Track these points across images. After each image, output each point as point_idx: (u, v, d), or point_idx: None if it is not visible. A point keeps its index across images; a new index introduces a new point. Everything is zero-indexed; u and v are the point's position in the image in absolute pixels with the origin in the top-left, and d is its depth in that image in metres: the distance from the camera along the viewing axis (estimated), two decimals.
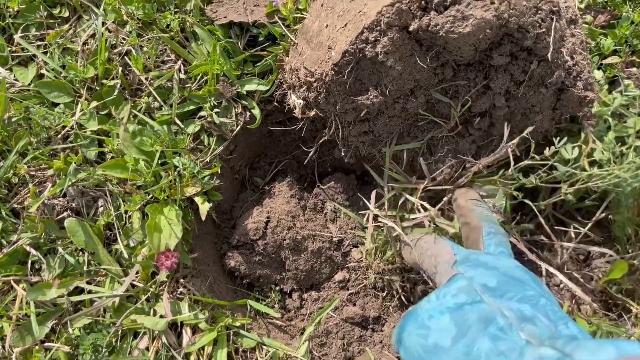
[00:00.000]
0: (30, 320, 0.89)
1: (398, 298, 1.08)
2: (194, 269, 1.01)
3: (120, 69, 1.03)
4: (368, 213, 1.01)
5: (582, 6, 1.07)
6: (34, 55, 1.06)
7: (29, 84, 1.03)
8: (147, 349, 0.92)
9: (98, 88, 1.03)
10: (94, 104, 1.01)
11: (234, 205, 1.19)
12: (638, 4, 1.08)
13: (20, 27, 1.07)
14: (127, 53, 1.05)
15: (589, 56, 0.92)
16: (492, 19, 0.78)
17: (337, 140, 1.03)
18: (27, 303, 0.90)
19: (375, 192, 1.02)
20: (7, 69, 1.05)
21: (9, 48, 1.06)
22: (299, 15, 1.03)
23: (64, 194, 0.99)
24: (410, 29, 0.82)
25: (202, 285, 1.00)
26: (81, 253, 0.96)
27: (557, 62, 0.86)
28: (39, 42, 1.07)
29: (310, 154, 1.10)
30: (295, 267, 1.09)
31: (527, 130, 0.88)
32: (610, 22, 1.07)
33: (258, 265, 1.10)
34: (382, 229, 1.05)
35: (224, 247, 1.13)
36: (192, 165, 0.98)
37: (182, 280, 0.98)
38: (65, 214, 0.97)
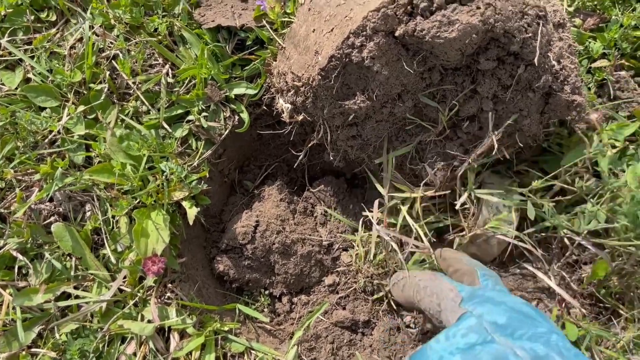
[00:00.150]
0: (16, 326, 0.89)
1: (387, 302, 1.07)
2: (182, 273, 1.01)
3: (108, 73, 1.03)
4: (361, 219, 1.00)
5: (571, 9, 1.07)
6: (21, 60, 1.05)
7: (16, 88, 1.03)
8: (135, 354, 0.92)
9: (85, 92, 1.03)
10: (81, 108, 1.01)
11: (223, 209, 1.19)
12: (627, 7, 1.08)
13: (7, 32, 1.06)
14: (115, 57, 1.05)
15: (577, 60, 0.91)
16: (478, 24, 0.77)
17: (325, 144, 1.02)
18: (14, 308, 0.90)
19: (377, 202, 1.02)
20: None
21: None
22: (286, 19, 1.03)
23: (51, 199, 0.99)
24: (397, 34, 0.82)
25: (191, 290, 1.00)
26: (68, 258, 0.96)
27: (544, 67, 0.85)
28: (26, 46, 1.06)
29: (300, 158, 1.09)
30: (284, 271, 1.09)
31: (511, 118, 0.88)
32: (599, 25, 1.07)
33: (247, 269, 1.09)
34: (371, 233, 1.05)
35: (213, 251, 1.13)
36: (179, 169, 0.97)
37: (170, 285, 0.98)
38: (52, 218, 0.97)
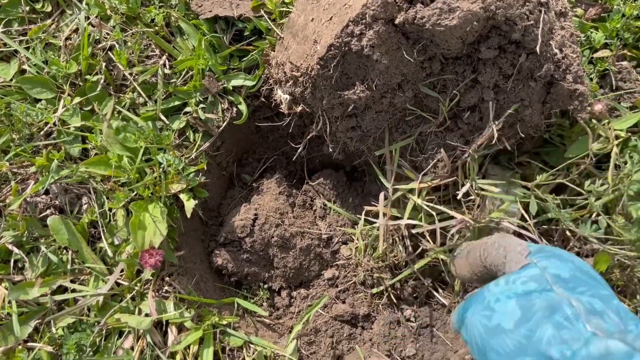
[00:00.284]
0: (12, 320, 0.88)
1: (388, 296, 1.06)
2: (180, 267, 0.99)
3: (104, 64, 1.02)
4: (363, 212, 0.98)
5: None
6: (16, 51, 1.04)
7: (11, 80, 1.02)
8: (132, 348, 0.90)
9: (81, 84, 1.01)
10: (77, 99, 0.99)
11: (221, 202, 1.18)
12: None
13: (2, 22, 1.05)
14: (111, 48, 1.04)
15: (579, 49, 0.90)
16: (479, 11, 0.76)
17: (325, 136, 1.01)
18: (10, 302, 0.89)
19: (383, 194, 1.01)
20: None
21: None
22: (284, 9, 1.02)
23: (47, 192, 0.97)
24: (396, 21, 0.80)
25: (189, 284, 0.99)
26: (65, 251, 0.95)
27: (546, 55, 0.84)
28: (21, 38, 1.05)
29: (299, 150, 1.08)
30: (283, 264, 1.08)
31: (512, 107, 0.87)
32: (601, 15, 1.05)
33: (246, 263, 1.08)
34: (373, 226, 1.04)
35: (211, 244, 1.11)
36: (177, 161, 0.96)
37: (167, 278, 0.97)
38: (48, 211, 0.96)
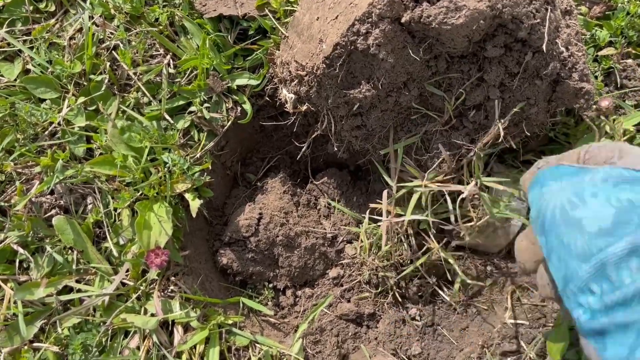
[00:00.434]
0: (18, 320, 0.87)
1: (393, 295, 1.06)
2: (186, 266, 0.99)
3: (108, 63, 1.01)
4: (367, 211, 0.98)
5: None
6: (20, 51, 1.03)
7: (15, 80, 1.01)
8: (138, 348, 0.90)
9: (85, 83, 1.01)
10: (82, 99, 0.99)
11: (226, 201, 1.18)
12: None
13: (6, 22, 1.05)
14: (115, 47, 1.03)
15: (585, 47, 0.90)
16: (486, 10, 0.76)
17: (329, 135, 1.01)
18: (15, 302, 0.89)
19: (386, 192, 1.01)
20: None
21: None
22: (289, 7, 1.01)
23: (52, 192, 0.97)
24: (403, 20, 0.80)
25: (194, 283, 0.98)
26: (70, 251, 0.95)
27: (552, 53, 0.84)
28: (25, 37, 1.04)
29: (303, 149, 1.08)
30: (288, 263, 1.08)
31: (518, 106, 0.87)
32: (606, 13, 1.05)
33: (251, 262, 1.08)
34: (377, 225, 1.04)
35: (216, 244, 1.11)
36: (182, 161, 0.96)
37: (173, 278, 0.97)
38: (53, 211, 0.96)
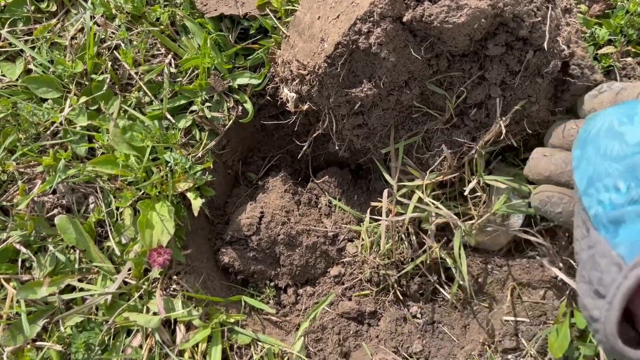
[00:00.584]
0: (21, 319, 0.88)
1: (394, 293, 1.07)
2: (188, 265, 1.00)
3: (110, 63, 1.01)
4: (368, 209, 0.98)
5: None
6: (22, 51, 1.04)
7: (17, 80, 1.02)
8: (141, 346, 0.91)
9: (87, 83, 1.01)
10: (83, 99, 0.99)
11: (227, 200, 1.18)
12: None
13: (7, 22, 1.05)
14: (117, 47, 1.04)
15: (586, 45, 0.90)
16: (487, 8, 0.76)
17: (330, 134, 1.01)
18: (18, 302, 0.89)
19: (386, 191, 1.01)
20: None
21: None
22: (290, 7, 1.02)
23: (54, 191, 0.97)
24: (404, 19, 0.80)
25: (196, 282, 0.99)
26: (72, 250, 0.95)
27: (553, 51, 0.84)
28: (27, 37, 1.05)
29: (304, 148, 1.08)
30: (290, 262, 1.08)
31: (519, 104, 0.87)
32: (605, 11, 1.05)
33: (252, 261, 1.08)
34: (378, 223, 1.04)
35: (217, 243, 1.12)
36: (183, 160, 0.96)
37: (175, 277, 0.97)
38: (56, 211, 0.96)
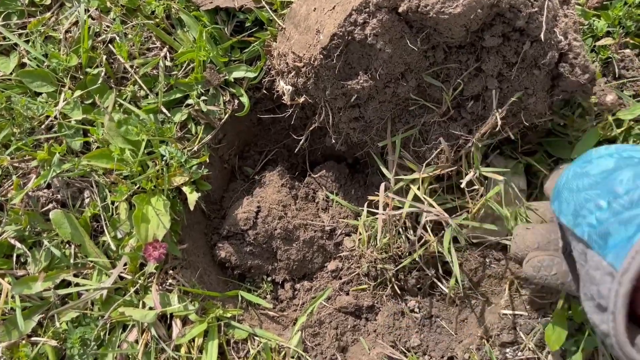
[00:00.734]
0: (16, 315, 0.87)
1: (391, 287, 1.06)
2: (184, 260, 0.99)
3: (105, 57, 1.01)
4: (365, 203, 0.97)
5: None
6: (16, 44, 1.03)
7: (11, 73, 1.01)
8: (137, 341, 0.90)
9: (82, 77, 1.01)
10: (78, 93, 0.99)
11: (224, 195, 1.17)
12: None
13: (1, 16, 1.04)
14: (111, 41, 1.03)
15: (582, 42, 0.90)
16: None
17: (327, 127, 1.01)
18: (13, 297, 0.88)
19: (384, 185, 1.01)
20: None
21: None
22: None
23: (49, 186, 0.97)
24: (400, 10, 0.80)
25: (192, 277, 0.98)
26: (67, 245, 0.94)
27: (550, 43, 0.84)
28: (21, 31, 1.04)
29: (301, 142, 1.08)
30: (287, 257, 1.08)
31: (516, 95, 0.87)
32: (604, 3, 1.05)
33: (249, 255, 1.08)
34: (375, 217, 1.03)
35: (214, 237, 1.11)
36: (179, 154, 0.95)
37: (171, 271, 0.96)
38: (51, 205, 0.95)
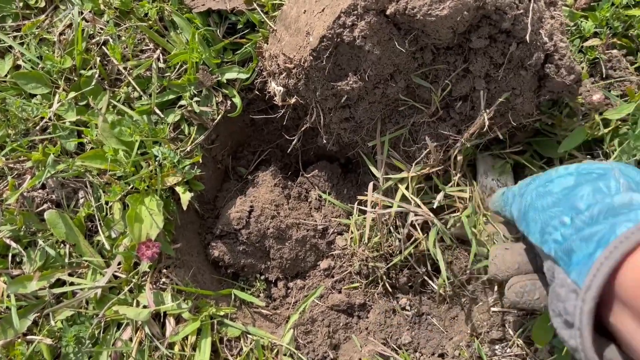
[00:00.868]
0: (11, 314, 0.88)
1: (383, 285, 1.08)
2: (177, 259, 1.00)
3: (98, 59, 1.02)
4: (356, 203, 0.99)
5: None
6: (10, 47, 1.04)
7: (6, 76, 1.02)
8: (131, 339, 0.91)
9: (76, 78, 1.02)
10: (72, 94, 1.00)
11: (217, 195, 1.19)
12: None
13: None
14: (105, 43, 1.04)
15: (568, 43, 0.91)
16: (469, 1, 0.77)
17: (319, 127, 1.02)
18: (8, 296, 0.90)
19: (372, 184, 1.02)
20: None
21: None
22: (277, 1, 1.02)
23: (43, 186, 0.98)
24: (388, 12, 0.81)
25: (186, 276, 0.99)
26: (62, 245, 0.96)
27: (536, 44, 0.85)
28: (15, 33, 1.05)
29: (293, 143, 1.09)
30: (279, 255, 1.09)
31: (503, 96, 0.88)
32: (591, 4, 1.06)
33: (242, 254, 1.09)
34: (366, 216, 1.05)
35: (207, 237, 1.12)
36: (172, 154, 0.97)
37: (164, 270, 0.98)
38: (45, 205, 0.97)
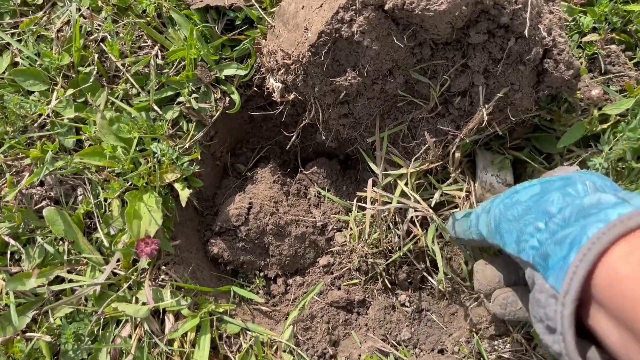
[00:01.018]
0: (10, 311, 0.88)
1: (382, 281, 1.08)
2: (176, 256, 1.00)
3: (96, 55, 1.02)
4: (355, 199, 0.99)
5: None
6: (8, 44, 1.04)
7: (3, 73, 1.02)
8: (130, 336, 0.91)
9: (74, 75, 1.02)
10: (70, 91, 1.00)
11: (216, 192, 1.19)
12: None
13: None
14: (103, 39, 1.04)
15: (567, 39, 0.91)
16: None
17: (317, 123, 1.02)
18: (7, 293, 0.90)
19: (371, 181, 1.02)
20: None
21: None
22: None
23: (42, 183, 0.98)
24: (386, 7, 0.81)
25: (185, 272, 0.99)
26: (61, 242, 0.95)
27: (535, 39, 0.85)
28: (13, 30, 1.05)
29: (292, 139, 1.09)
30: (279, 252, 1.09)
31: (502, 91, 0.88)
32: None
33: (241, 251, 1.09)
34: (365, 212, 1.05)
35: (207, 234, 1.12)
36: (171, 151, 0.97)
37: (164, 267, 0.98)
38: (44, 203, 0.96)
